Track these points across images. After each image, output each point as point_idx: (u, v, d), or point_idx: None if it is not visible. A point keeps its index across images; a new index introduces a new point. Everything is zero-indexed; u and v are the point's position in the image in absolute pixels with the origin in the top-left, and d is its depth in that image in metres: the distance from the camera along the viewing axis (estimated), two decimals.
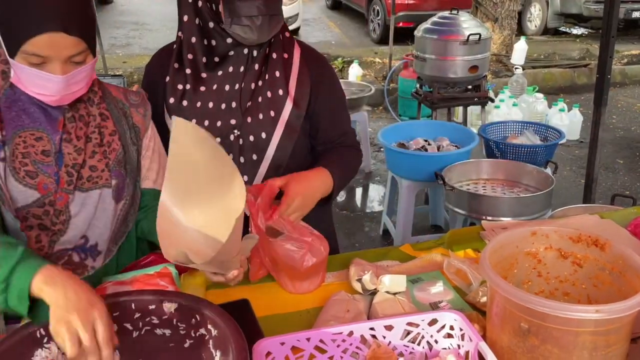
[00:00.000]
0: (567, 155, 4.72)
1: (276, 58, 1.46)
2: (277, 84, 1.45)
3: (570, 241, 1.08)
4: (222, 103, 1.43)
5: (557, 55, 7.37)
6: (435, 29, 3.68)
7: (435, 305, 1.24)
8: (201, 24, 1.41)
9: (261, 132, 1.44)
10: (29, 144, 1.16)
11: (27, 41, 1.05)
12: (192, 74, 1.43)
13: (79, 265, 1.24)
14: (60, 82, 1.09)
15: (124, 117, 1.30)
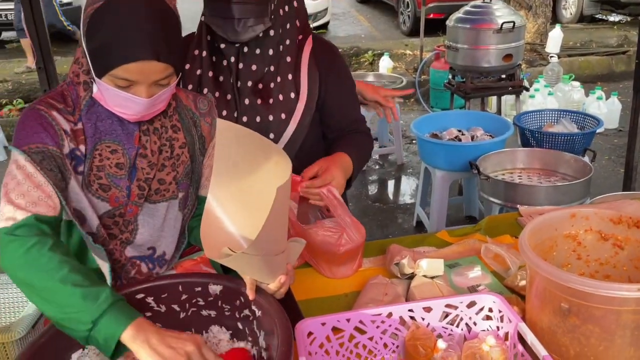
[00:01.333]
0: (606, 145, 4.61)
1: (289, 62, 1.47)
2: (288, 87, 1.47)
3: (611, 223, 1.07)
4: (227, 94, 1.47)
5: (594, 42, 7.18)
6: (467, 18, 3.63)
7: (473, 289, 1.25)
8: None
9: (269, 132, 1.47)
10: (104, 157, 1.16)
11: (118, 66, 1.04)
12: (208, 58, 1.47)
13: (148, 275, 1.25)
14: (145, 104, 1.10)
15: (194, 127, 1.29)
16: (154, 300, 1.08)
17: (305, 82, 1.48)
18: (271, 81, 1.47)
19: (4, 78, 6.41)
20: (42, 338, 0.98)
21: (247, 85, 1.47)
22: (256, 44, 1.43)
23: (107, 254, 1.17)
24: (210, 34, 1.46)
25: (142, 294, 1.08)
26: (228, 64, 1.46)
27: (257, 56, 1.45)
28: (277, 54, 1.46)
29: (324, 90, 1.52)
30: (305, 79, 1.48)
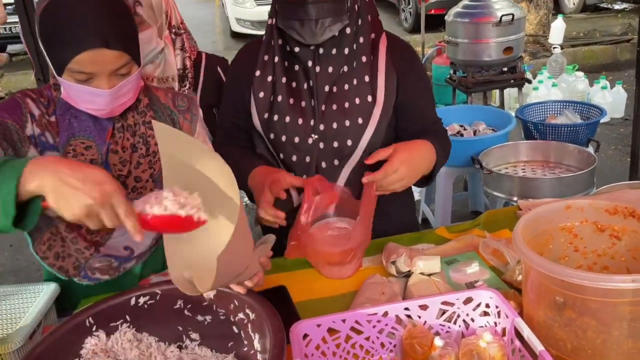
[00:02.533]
0: (612, 134, 4.57)
1: (365, 62, 1.43)
2: (365, 90, 1.42)
3: (607, 214, 1.05)
4: (302, 101, 1.43)
5: (597, 32, 7.12)
6: (466, 12, 3.61)
7: (471, 285, 1.24)
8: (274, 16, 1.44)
9: (347, 139, 1.43)
10: (78, 152, 1.18)
11: (71, 59, 1.07)
12: (280, 64, 1.44)
13: (115, 269, 1.27)
14: (108, 96, 1.11)
15: (172, 124, 1.30)
16: (150, 307, 1.08)
17: (382, 85, 1.43)
18: (346, 83, 1.43)
19: (10, 90, 6.47)
20: (38, 348, 0.98)
21: (325, 89, 1.43)
22: (332, 44, 1.40)
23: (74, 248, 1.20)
24: (281, 38, 1.43)
25: (137, 299, 1.07)
26: (304, 68, 1.43)
27: (333, 57, 1.41)
28: (352, 53, 1.42)
29: (402, 92, 1.47)
30: (383, 81, 1.43)
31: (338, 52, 1.41)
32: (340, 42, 1.40)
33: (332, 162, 1.45)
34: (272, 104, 1.44)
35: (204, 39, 8.86)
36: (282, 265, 1.40)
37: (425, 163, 1.42)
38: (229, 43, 8.57)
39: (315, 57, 1.41)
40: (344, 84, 1.42)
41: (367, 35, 1.43)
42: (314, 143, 1.43)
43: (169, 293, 1.09)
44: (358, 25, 1.41)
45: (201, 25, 9.73)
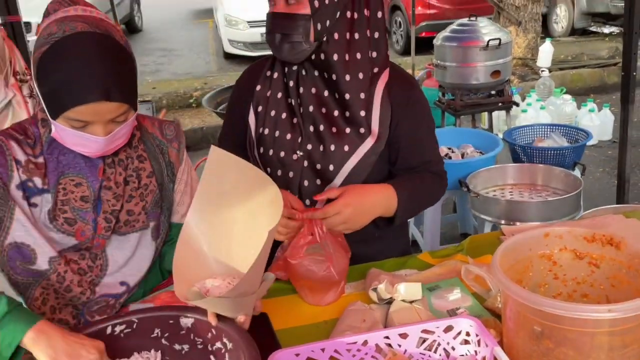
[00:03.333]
0: (600, 157, 4.60)
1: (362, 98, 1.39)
2: (358, 121, 1.39)
3: (585, 241, 1.06)
4: (294, 117, 1.44)
5: (585, 55, 7.22)
6: (454, 37, 3.66)
7: (453, 312, 1.23)
8: None
9: (329, 163, 1.41)
10: (69, 190, 1.15)
11: (69, 109, 1.05)
12: (279, 79, 1.46)
13: (112, 307, 1.24)
14: (103, 142, 1.10)
15: (161, 154, 1.28)
16: (126, 335, 1.07)
17: (377, 119, 1.40)
18: (336, 109, 1.40)
19: None
20: None
21: (309, 110, 1.42)
22: (313, 65, 1.40)
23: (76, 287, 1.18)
24: None
25: (113, 328, 1.06)
26: (294, 86, 1.44)
27: (316, 78, 1.41)
28: (344, 82, 1.38)
29: (395, 126, 1.42)
30: (378, 116, 1.40)
31: (321, 75, 1.41)
32: (323, 66, 1.39)
33: (315, 182, 1.44)
34: (265, 118, 1.46)
35: (198, 60, 8.92)
36: None
37: (376, 209, 1.37)
38: (222, 64, 8.62)
39: (299, 76, 1.43)
40: (334, 109, 1.41)
41: (367, 69, 1.39)
42: (298, 160, 1.43)
43: (146, 321, 1.08)
44: (355, 58, 1.38)
45: (195, 46, 9.81)
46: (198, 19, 12.12)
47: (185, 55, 9.23)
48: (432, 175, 1.50)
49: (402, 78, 1.46)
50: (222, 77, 7.25)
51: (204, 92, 6.31)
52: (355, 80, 1.39)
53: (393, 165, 1.49)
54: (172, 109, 6.26)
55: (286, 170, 1.45)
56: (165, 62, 8.85)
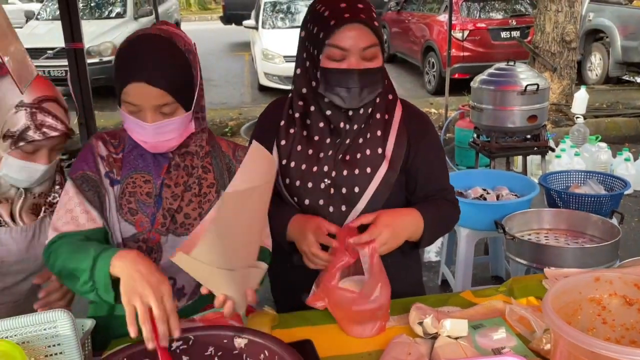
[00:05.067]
0: (635, 206, 4.54)
1: (379, 119, 1.53)
2: (375, 143, 1.51)
3: (636, 288, 1.07)
4: (320, 152, 1.52)
5: (620, 104, 7.20)
6: (492, 80, 3.72)
7: (498, 351, 1.24)
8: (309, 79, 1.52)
9: (354, 186, 1.50)
10: (137, 185, 1.34)
11: (122, 90, 1.24)
12: (300, 120, 1.53)
13: None
14: (150, 129, 1.25)
15: (227, 171, 1.43)
16: (182, 351, 1.11)
17: (392, 142, 1.53)
18: (360, 137, 1.52)
19: None
20: None
21: (346, 143, 1.52)
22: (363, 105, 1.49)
23: None
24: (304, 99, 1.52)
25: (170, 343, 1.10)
26: (334, 128, 1.51)
27: (360, 116, 1.51)
28: (372, 111, 1.52)
29: (413, 156, 1.55)
30: (393, 140, 1.52)
31: (364, 112, 1.51)
32: (366, 103, 1.49)
33: (340, 208, 1.51)
34: (291, 152, 1.54)
35: (233, 91, 9.16)
36: (307, 319, 1.43)
37: (408, 230, 1.48)
38: (256, 96, 8.83)
39: (346, 118, 1.50)
40: (359, 137, 1.52)
41: (386, 95, 1.54)
42: (326, 188, 1.51)
43: (202, 340, 1.12)
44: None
45: (231, 77, 10.08)
46: (235, 52, 12.49)
47: (221, 86, 9.48)
48: (448, 202, 1.62)
49: (417, 112, 1.61)
50: (256, 108, 7.42)
51: (239, 122, 6.47)
52: (377, 105, 1.52)
53: (412, 193, 1.60)
54: None
55: (315, 198, 1.52)
56: None
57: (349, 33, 1.39)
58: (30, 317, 1.10)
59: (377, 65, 1.44)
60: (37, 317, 1.10)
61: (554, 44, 6.57)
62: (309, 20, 1.48)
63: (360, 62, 1.41)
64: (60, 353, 1.12)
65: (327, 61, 1.43)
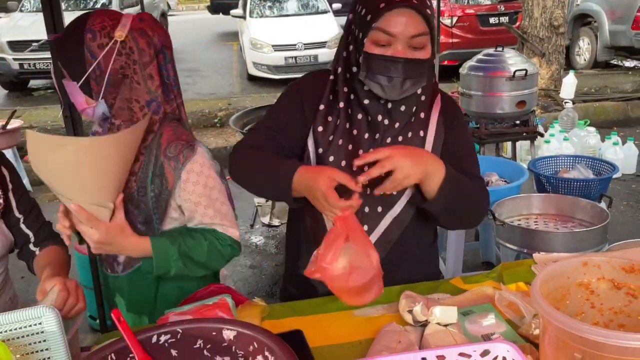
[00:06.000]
0: (624, 190, 4.58)
1: (422, 118, 1.46)
2: (415, 143, 1.44)
3: (623, 271, 1.07)
4: (360, 148, 1.43)
5: (608, 88, 7.23)
6: (480, 66, 3.71)
7: (487, 337, 1.24)
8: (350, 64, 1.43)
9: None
10: None
11: None
12: (345, 110, 1.44)
13: None
14: None
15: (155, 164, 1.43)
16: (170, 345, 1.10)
17: (431, 140, 1.46)
18: (400, 135, 1.44)
19: (30, 124, 6.62)
20: None
21: (387, 142, 1.43)
22: (401, 100, 1.41)
23: None
24: (347, 86, 1.43)
25: (158, 337, 1.09)
26: (370, 120, 1.43)
27: (401, 113, 1.43)
28: (415, 109, 1.45)
29: (445, 148, 1.48)
30: (432, 137, 1.46)
31: (406, 109, 1.43)
32: (409, 99, 1.41)
33: (376, 209, 1.45)
34: (331, 144, 1.45)
35: (222, 81, 9.10)
36: (297, 310, 1.42)
37: (428, 165, 1.33)
38: (245, 85, 8.78)
39: (385, 112, 1.42)
40: (399, 136, 1.45)
41: (429, 93, 1.46)
42: (363, 187, 1.39)
43: (190, 333, 1.10)
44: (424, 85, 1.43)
45: (219, 67, 10.01)
46: (223, 41, 12.39)
47: (209, 76, 9.42)
48: (475, 179, 1.50)
49: (452, 105, 1.54)
50: (245, 99, 7.38)
51: (228, 112, 6.43)
52: (420, 104, 1.45)
53: None
54: (196, 128, 6.37)
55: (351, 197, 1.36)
56: (191, 82, 9.04)
57: (399, 18, 1.30)
58: (15, 314, 1.08)
59: (424, 57, 1.35)
60: (21, 313, 1.09)
61: (542, 29, 6.57)
62: (358, 1, 1.39)
63: (407, 51, 1.32)
64: (47, 349, 1.11)
65: (372, 46, 1.34)
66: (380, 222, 1.46)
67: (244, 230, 4.20)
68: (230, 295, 1.39)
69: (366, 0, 1.36)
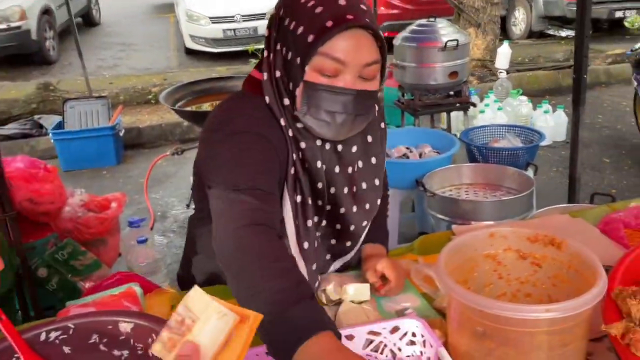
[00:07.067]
0: (554, 157, 4.73)
1: (371, 141, 1.28)
2: (375, 173, 1.31)
3: (528, 241, 1.07)
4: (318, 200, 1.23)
5: (542, 57, 7.42)
6: (413, 37, 3.69)
7: (402, 312, 1.23)
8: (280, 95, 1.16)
9: (347, 241, 1.33)
10: None
11: None
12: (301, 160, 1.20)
13: None
14: None
15: None
16: (62, 342, 1.02)
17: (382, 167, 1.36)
18: (363, 181, 1.28)
19: None
20: None
21: (344, 192, 1.25)
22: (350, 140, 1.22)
23: None
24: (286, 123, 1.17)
25: (47, 334, 1.01)
26: (314, 166, 1.19)
27: (353, 155, 1.24)
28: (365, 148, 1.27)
29: None
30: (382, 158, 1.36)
31: (358, 150, 1.25)
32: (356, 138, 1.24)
33: (345, 245, 1.36)
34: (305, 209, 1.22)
35: (158, 55, 8.75)
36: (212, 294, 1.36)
37: None
38: (183, 60, 8.48)
39: (330, 155, 1.21)
40: (361, 182, 1.28)
41: (378, 125, 1.31)
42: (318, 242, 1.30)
43: (83, 327, 1.03)
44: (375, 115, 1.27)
45: (155, 41, 9.62)
46: (158, 14, 11.90)
47: (144, 50, 9.04)
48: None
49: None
50: (182, 74, 7.13)
51: (164, 88, 6.19)
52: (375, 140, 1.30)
53: None
54: (129, 105, 6.12)
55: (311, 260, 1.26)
56: (124, 56, 8.66)
57: (351, 42, 1.07)
58: None
59: (374, 88, 1.15)
60: None
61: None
62: (288, 13, 1.12)
63: (357, 82, 1.11)
64: None
65: (315, 74, 1.09)
66: (329, 267, 1.38)
67: (180, 211, 4.08)
68: (138, 283, 1.32)
69: (304, 15, 1.09)
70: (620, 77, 6.91)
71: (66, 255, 2.41)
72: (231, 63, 7.54)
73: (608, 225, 1.49)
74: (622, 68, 7.01)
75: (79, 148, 4.76)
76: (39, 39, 7.69)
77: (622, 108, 5.95)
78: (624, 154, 4.79)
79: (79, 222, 2.67)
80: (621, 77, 6.90)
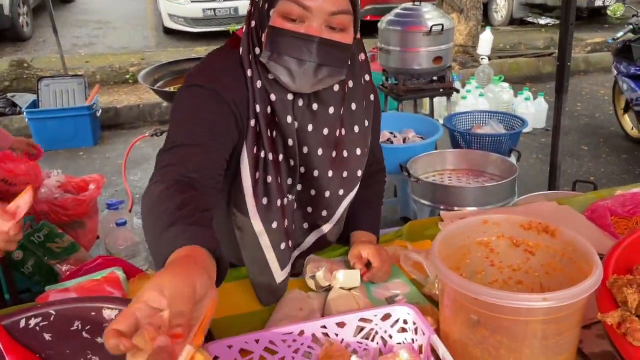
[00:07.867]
0: (534, 143, 4.77)
1: (355, 109, 1.25)
2: (358, 143, 1.27)
3: (521, 229, 1.06)
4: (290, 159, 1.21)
5: (522, 44, 7.46)
6: (398, 21, 3.66)
7: (391, 299, 1.22)
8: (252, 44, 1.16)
9: (322, 209, 1.30)
10: None
11: None
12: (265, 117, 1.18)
13: None
14: None
15: None
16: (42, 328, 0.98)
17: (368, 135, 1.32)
18: (344, 149, 1.25)
19: None
20: None
21: (318, 154, 1.22)
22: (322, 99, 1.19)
23: None
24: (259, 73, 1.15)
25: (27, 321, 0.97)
26: (283, 121, 1.17)
27: (330, 117, 1.21)
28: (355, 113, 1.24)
29: None
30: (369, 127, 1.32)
31: (336, 111, 1.22)
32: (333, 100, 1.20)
33: (320, 214, 1.31)
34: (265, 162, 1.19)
35: (135, 34, 8.56)
36: None
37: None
38: (161, 39, 8.31)
39: (295, 110, 1.18)
40: (342, 150, 1.25)
41: (366, 96, 1.28)
42: (288, 205, 1.25)
43: (65, 313, 0.99)
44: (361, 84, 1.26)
45: (132, 19, 9.40)
46: None
47: (121, 29, 8.83)
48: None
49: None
50: (160, 53, 6.98)
51: (141, 67, 6.06)
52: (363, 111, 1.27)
53: None
54: (106, 85, 5.98)
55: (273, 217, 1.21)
56: (100, 34, 8.44)
57: None
58: None
59: (345, 41, 1.11)
60: None
61: None
62: None
63: (324, 31, 1.09)
64: None
65: (280, 19, 1.09)
66: (305, 238, 1.35)
67: None
68: (120, 267, 1.28)
69: None
70: (599, 65, 6.99)
71: (42, 238, 2.34)
72: (211, 43, 7.41)
73: (595, 212, 1.50)
74: (601, 57, 7.10)
75: (55, 128, 4.63)
76: (12, 15, 7.44)
77: (600, 96, 6.03)
78: (601, 141, 4.85)
79: (56, 204, 2.60)
80: (600, 65, 6.99)
